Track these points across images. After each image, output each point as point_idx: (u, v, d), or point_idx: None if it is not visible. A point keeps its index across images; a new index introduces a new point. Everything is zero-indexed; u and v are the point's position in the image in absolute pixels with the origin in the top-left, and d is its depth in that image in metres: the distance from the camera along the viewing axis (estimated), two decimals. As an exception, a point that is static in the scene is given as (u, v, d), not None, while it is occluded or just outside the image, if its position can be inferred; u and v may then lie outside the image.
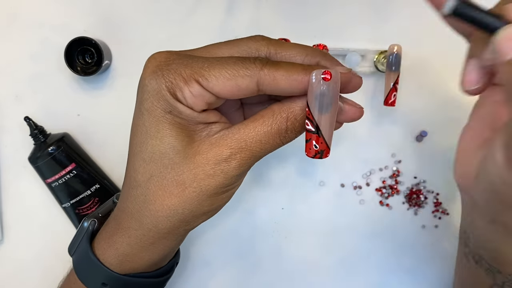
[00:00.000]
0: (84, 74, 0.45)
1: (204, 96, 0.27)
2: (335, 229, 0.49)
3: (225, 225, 0.49)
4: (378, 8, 0.47)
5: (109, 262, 0.33)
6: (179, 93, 0.27)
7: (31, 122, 0.44)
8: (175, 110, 0.28)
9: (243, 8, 0.47)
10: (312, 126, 0.27)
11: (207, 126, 0.29)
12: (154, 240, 0.31)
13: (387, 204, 0.48)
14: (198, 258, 0.49)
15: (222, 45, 0.30)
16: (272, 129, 0.28)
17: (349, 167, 0.48)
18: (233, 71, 0.27)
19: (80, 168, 0.45)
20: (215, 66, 0.27)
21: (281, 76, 0.27)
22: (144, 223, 0.30)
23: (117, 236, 0.32)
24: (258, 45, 0.29)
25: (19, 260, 0.49)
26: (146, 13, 0.47)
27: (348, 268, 0.49)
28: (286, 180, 0.49)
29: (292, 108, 0.28)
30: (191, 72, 0.27)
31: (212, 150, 0.28)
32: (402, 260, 0.49)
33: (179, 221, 0.30)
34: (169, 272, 0.37)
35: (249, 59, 0.27)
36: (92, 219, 0.36)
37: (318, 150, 0.28)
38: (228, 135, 0.28)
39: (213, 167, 0.28)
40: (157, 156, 0.28)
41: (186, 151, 0.28)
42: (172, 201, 0.29)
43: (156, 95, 0.28)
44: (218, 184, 0.29)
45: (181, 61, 0.28)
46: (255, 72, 0.27)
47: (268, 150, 0.29)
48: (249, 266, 0.49)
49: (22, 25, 0.47)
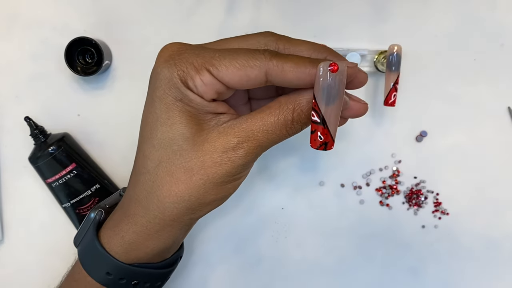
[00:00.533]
0: (84, 74, 0.45)
1: (215, 85, 0.28)
2: (335, 229, 0.49)
3: (226, 225, 0.49)
4: (378, 8, 0.47)
5: (115, 250, 0.33)
6: (190, 82, 0.28)
7: (31, 122, 0.44)
8: (186, 98, 0.28)
9: (243, 8, 0.47)
10: (318, 117, 0.28)
11: (216, 116, 0.30)
12: (160, 227, 0.32)
13: (387, 204, 0.49)
14: (199, 256, 0.49)
15: (232, 39, 0.31)
16: (278, 119, 0.29)
17: (349, 167, 0.48)
18: (243, 61, 0.28)
19: (80, 168, 0.45)
20: (226, 56, 0.28)
21: (289, 67, 0.27)
22: (150, 209, 0.31)
23: (123, 223, 0.33)
24: (267, 40, 0.30)
25: (19, 260, 0.49)
26: (146, 13, 0.47)
27: (348, 268, 0.49)
28: (286, 180, 0.49)
29: (299, 100, 0.29)
30: (203, 62, 0.28)
31: (220, 139, 0.29)
32: (402, 260, 0.49)
33: (185, 208, 0.30)
34: (173, 264, 0.38)
35: (259, 51, 0.28)
36: (99, 210, 0.36)
37: (322, 141, 0.28)
38: (235, 125, 0.29)
39: (220, 155, 0.29)
40: (166, 142, 0.29)
41: (194, 139, 0.29)
42: (179, 187, 0.30)
43: (168, 83, 0.28)
44: (225, 172, 0.29)
45: (193, 51, 0.29)
46: (264, 62, 0.27)
47: (274, 141, 0.30)
48: (249, 265, 0.49)
49: (22, 25, 0.47)
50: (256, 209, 0.49)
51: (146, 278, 0.35)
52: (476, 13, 0.47)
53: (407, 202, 0.48)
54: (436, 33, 0.47)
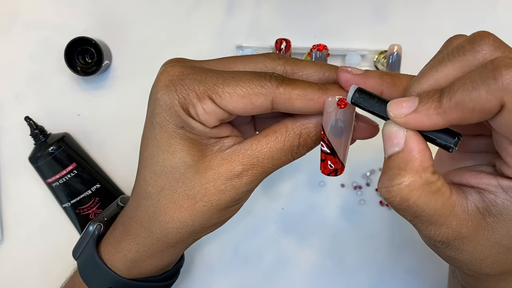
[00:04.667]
0: (84, 74, 0.45)
1: (217, 113, 0.27)
2: (335, 229, 0.49)
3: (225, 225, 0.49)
4: (378, 8, 0.47)
5: (117, 267, 0.33)
6: (191, 109, 0.27)
7: (32, 122, 0.44)
8: (187, 126, 0.27)
9: (243, 8, 0.47)
10: (328, 148, 0.27)
11: (219, 141, 0.29)
12: (163, 248, 0.31)
13: (387, 204, 0.48)
14: (199, 258, 0.49)
15: (238, 61, 0.29)
16: (284, 145, 0.28)
17: (350, 167, 0.48)
18: (248, 89, 0.26)
19: (80, 168, 0.45)
20: (229, 83, 0.26)
21: (297, 95, 0.26)
22: (153, 233, 0.30)
23: (125, 242, 0.32)
24: (275, 64, 0.28)
25: (19, 260, 0.49)
26: (146, 13, 0.47)
27: (348, 268, 0.49)
28: (286, 180, 0.49)
29: (306, 124, 0.28)
30: (205, 89, 0.26)
31: (224, 166, 0.28)
32: (402, 260, 0.49)
33: (188, 232, 0.30)
34: (174, 276, 0.38)
35: (265, 76, 0.27)
36: (98, 223, 0.36)
37: (333, 169, 0.28)
38: (240, 151, 0.28)
39: (224, 182, 0.28)
40: (168, 170, 0.28)
41: (197, 166, 0.28)
42: (182, 214, 0.29)
43: (168, 110, 0.27)
44: (229, 199, 0.29)
45: (195, 76, 0.27)
46: (271, 90, 0.26)
47: (279, 166, 0.29)
48: (248, 265, 0.49)
49: (22, 25, 0.47)
50: (256, 209, 0.49)
51: None
52: (476, 13, 0.47)
53: (407, 202, 0.48)
54: (436, 33, 0.47)
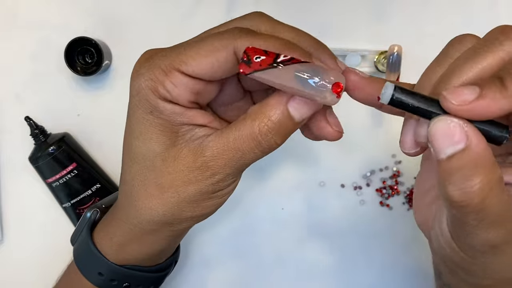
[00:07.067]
0: (84, 74, 0.45)
1: (187, 83, 0.26)
2: (335, 230, 0.49)
3: (225, 225, 0.49)
4: (378, 8, 0.47)
5: (105, 251, 0.33)
6: (161, 88, 0.26)
7: (32, 122, 0.44)
8: (156, 110, 0.26)
9: (243, 8, 0.47)
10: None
11: (192, 129, 0.28)
12: (141, 234, 0.31)
13: (387, 204, 0.48)
14: (197, 257, 0.49)
15: (214, 29, 0.28)
16: (244, 134, 0.26)
17: (349, 167, 0.48)
18: (210, 46, 0.25)
19: (80, 168, 0.45)
20: (192, 48, 0.25)
21: (259, 46, 0.24)
22: (130, 217, 0.31)
23: (111, 226, 0.33)
24: (253, 23, 0.27)
25: (19, 260, 0.49)
26: (146, 13, 0.47)
27: (348, 268, 0.49)
28: (286, 180, 0.49)
29: (263, 107, 0.26)
30: (170, 62, 0.25)
31: (189, 157, 0.27)
32: (402, 260, 0.49)
33: (161, 222, 0.30)
34: (166, 269, 0.37)
35: (227, 30, 0.25)
36: (95, 209, 0.36)
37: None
38: (204, 143, 0.27)
39: (187, 174, 0.27)
40: (139, 158, 0.28)
41: (165, 155, 0.28)
42: (152, 202, 0.29)
43: (137, 95, 0.27)
44: (196, 191, 0.28)
45: (161, 53, 0.26)
46: (231, 41, 0.24)
47: (248, 158, 0.27)
48: (248, 266, 0.49)
49: (22, 25, 0.47)
50: (255, 209, 0.49)
51: (137, 281, 0.35)
52: (476, 13, 0.47)
53: (407, 202, 0.48)
54: (436, 33, 0.46)
